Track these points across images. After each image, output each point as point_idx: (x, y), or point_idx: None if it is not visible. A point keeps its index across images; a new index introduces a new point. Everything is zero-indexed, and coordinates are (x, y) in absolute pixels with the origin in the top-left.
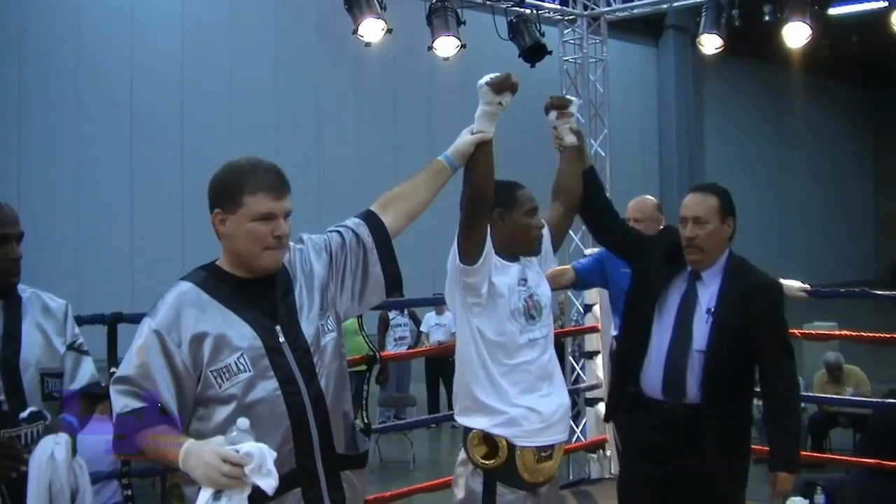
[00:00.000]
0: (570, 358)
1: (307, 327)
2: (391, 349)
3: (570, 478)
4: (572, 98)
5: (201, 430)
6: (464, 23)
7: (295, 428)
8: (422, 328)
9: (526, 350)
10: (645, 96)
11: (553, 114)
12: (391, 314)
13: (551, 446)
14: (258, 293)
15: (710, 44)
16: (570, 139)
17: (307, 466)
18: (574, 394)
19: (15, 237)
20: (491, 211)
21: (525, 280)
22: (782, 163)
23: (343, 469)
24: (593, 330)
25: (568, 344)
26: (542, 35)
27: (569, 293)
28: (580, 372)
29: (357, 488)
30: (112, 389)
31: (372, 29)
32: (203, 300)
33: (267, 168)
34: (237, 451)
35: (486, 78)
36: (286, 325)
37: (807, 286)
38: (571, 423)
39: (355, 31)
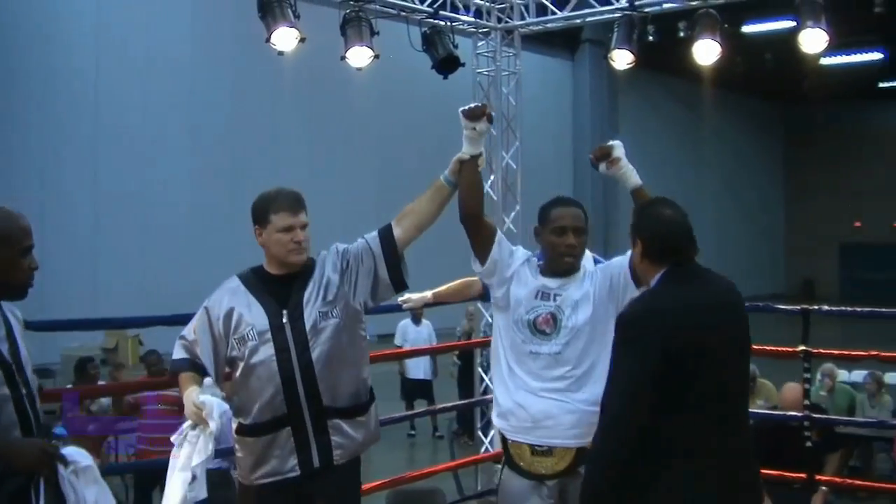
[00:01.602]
0: (479, 369)
1: (309, 314)
2: None
3: (479, 488)
4: (612, 143)
5: (234, 380)
6: (377, 33)
7: (284, 384)
8: None
9: (529, 361)
10: (560, 109)
11: (602, 166)
12: None
13: (548, 447)
14: (281, 286)
15: (622, 59)
16: (633, 182)
17: (295, 413)
18: (482, 405)
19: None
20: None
21: (557, 296)
22: (696, 176)
23: (331, 418)
24: None
25: (477, 355)
26: (456, 47)
27: (478, 304)
28: (489, 383)
29: (350, 434)
30: (176, 343)
31: (285, 38)
32: (239, 289)
33: (286, 194)
34: (200, 400)
35: (464, 107)
36: (291, 310)
37: None
38: (480, 434)
39: (268, 40)
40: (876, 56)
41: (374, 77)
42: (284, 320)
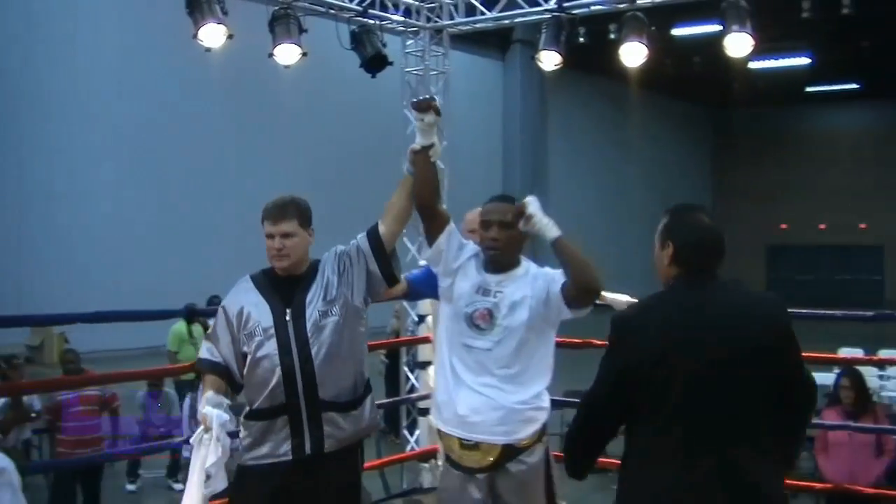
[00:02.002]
0: (405, 367)
1: (311, 313)
2: None
3: (404, 486)
4: (526, 199)
5: (247, 372)
6: (305, 31)
7: (284, 376)
8: None
9: (464, 353)
10: (490, 108)
11: (521, 223)
12: None
13: (475, 442)
14: (286, 287)
15: (549, 60)
16: (551, 234)
17: (293, 403)
18: (408, 403)
19: None
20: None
21: (499, 292)
22: (625, 177)
23: (326, 411)
24: (426, 340)
25: (403, 354)
26: (384, 46)
27: (404, 303)
28: (414, 382)
29: (343, 426)
30: (203, 342)
31: (213, 34)
32: (251, 289)
33: (273, 204)
34: (203, 412)
35: (413, 99)
36: (295, 309)
37: (634, 300)
38: (405, 432)
39: (195, 36)
40: (803, 61)
41: (303, 75)
42: (288, 318)
